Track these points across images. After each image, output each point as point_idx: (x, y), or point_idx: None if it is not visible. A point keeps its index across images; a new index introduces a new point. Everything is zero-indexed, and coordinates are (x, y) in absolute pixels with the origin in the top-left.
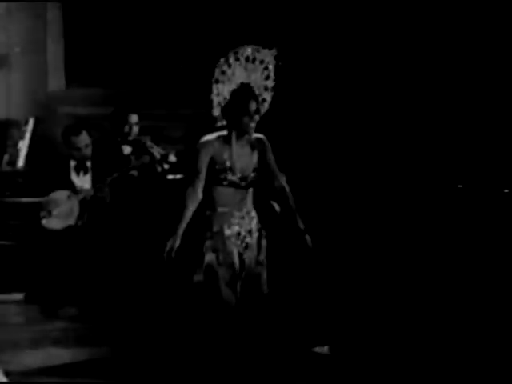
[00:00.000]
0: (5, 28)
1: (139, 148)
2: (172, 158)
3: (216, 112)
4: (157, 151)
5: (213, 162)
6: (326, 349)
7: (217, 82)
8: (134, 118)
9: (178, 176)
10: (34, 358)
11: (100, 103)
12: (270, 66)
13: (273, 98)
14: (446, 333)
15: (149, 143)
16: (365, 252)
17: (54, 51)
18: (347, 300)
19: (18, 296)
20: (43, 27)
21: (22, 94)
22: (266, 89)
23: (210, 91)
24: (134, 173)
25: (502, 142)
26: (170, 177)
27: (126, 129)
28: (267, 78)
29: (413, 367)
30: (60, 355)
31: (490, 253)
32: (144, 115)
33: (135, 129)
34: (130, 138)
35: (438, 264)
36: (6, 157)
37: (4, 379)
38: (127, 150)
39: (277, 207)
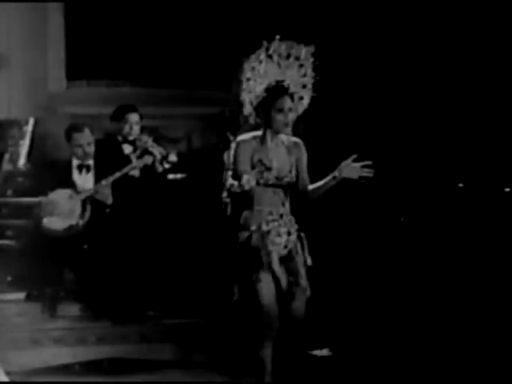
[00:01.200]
0: (5, 27)
1: (140, 148)
2: (173, 158)
3: (247, 110)
4: (158, 151)
5: (250, 161)
6: (325, 351)
7: (248, 79)
8: (134, 117)
9: (179, 176)
10: (34, 358)
11: (101, 103)
12: (308, 63)
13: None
14: (445, 333)
15: (150, 143)
16: (364, 252)
17: (55, 51)
18: (347, 301)
19: (19, 295)
20: (44, 27)
21: (22, 93)
22: (303, 86)
23: (235, 89)
24: (136, 173)
25: (503, 141)
26: (171, 176)
27: (127, 128)
28: (304, 75)
29: (412, 367)
30: (61, 355)
31: (491, 252)
32: (145, 114)
33: (136, 128)
34: (131, 138)
35: (438, 263)
36: (7, 156)
37: (5, 379)
38: (128, 149)
39: None
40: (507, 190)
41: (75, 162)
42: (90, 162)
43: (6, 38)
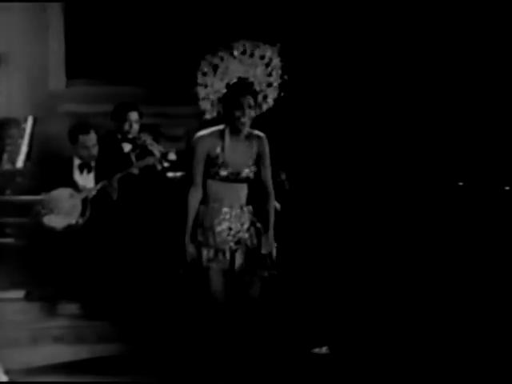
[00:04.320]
0: (5, 26)
1: (139, 146)
2: (172, 157)
3: (203, 105)
4: (157, 149)
5: (207, 156)
6: (324, 349)
7: (204, 74)
8: (134, 115)
9: (179, 174)
10: (34, 356)
11: (101, 101)
12: (274, 62)
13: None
14: (445, 333)
15: (149, 141)
16: (364, 251)
17: (55, 49)
18: (346, 300)
19: (19, 294)
20: (44, 25)
21: (22, 92)
22: (269, 85)
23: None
24: (135, 170)
25: (503, 139)
26: (171, 175)
27: (126, 126)
28: (270, 74)
29: (412, 367)
30: (61, 353)
31: (491, 251)
32: (145, 113)
33: (135, 126)
34: (130, 136)
35: (438, 262)
36: (6, 155)
37: (4, 377)
38: (127, 147)
39: (277, 206)
40: (507, 188)
41: (76, 162)
42: (93, 162)
43: (5, 37)
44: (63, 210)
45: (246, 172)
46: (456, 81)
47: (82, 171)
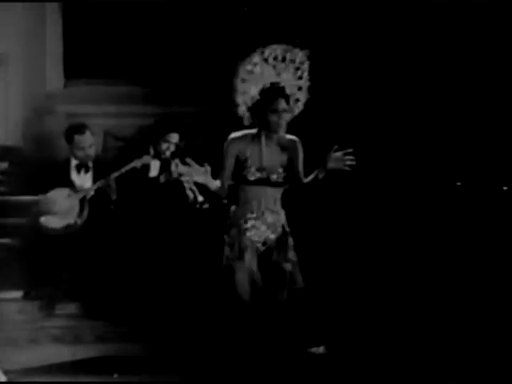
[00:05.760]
0: (3, 26)
1: (171, 174)
2: (200, 199)
3: (241, 111)
4: (191, 190)
5: (238, 159)
6: (321, 349)
7: (243, 81)
8: (174, 137)
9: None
10: (32, 356)
11: (99, 101)
12: (304, 66)
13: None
14: (445, 332)
15: (186, 179)
16: (362, 250)
17: (53, 50)
18: (344, 299)
19: (17, 294)
20: (42, 26)
21: (20, 92)
22: (299, 88)
23: (232, 90)
24: (137, 164)
25: (501, 139)
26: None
27: (164, 146)
28: (300, 77)
29: (411, 366)
30: (59, 353)
31: (490, 250)
32: (143, 113)
33: (172, 148)
34: (163, 157)
35: (437, 262)
36: None
37: (3, 378)
38: (156, 166)
39: None
40: (505, 188)
41: (74, 162)
42: (90, 163)
43: (3, 37)
44: (61, 210)
45: (278, 176)
46: (455, 82)
47: (79, 171)
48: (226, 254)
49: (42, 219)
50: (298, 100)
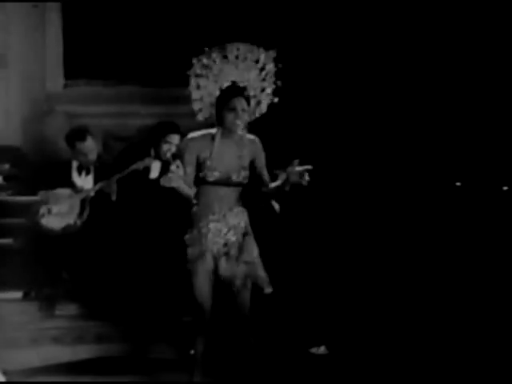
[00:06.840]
0: (3, 27)
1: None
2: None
3: (195, 106)
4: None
5: (197, 159)
6: (322, 349)
7: (197, 75)
8: (175, 138)
9: None
10: (32, 357)
11: (99, 102)
12: (268, 68)
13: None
14: (445, 332)
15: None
16: (362, 250)
17: (53, 50)
18: (344, 300)
19: (17, 294)
20: (42, 27)
21: (20, 92)
22: (262, 90)
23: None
24: (139, 166)
25: (501, 139)
26: None
27: (165, 148)
28: (264, 79)
29: (411, 367)
30: (59, 354)
31: (489, 250)
32: (145, 113)
33: (173, 149)
34: (164, 158)
35: (436, 262)
36: None
37: (2, 378)
38: (157, 167)
39: (276, 207)
40: (505, 188)
41: (75, 164)
42: (92, 166)
43: (3, 37)
44: (61, 210)
45: (238, 175)
46: (454, 82)
47: (80, 173)
48: (188, 255)
49: (43, 220)
50: (259, 102)
